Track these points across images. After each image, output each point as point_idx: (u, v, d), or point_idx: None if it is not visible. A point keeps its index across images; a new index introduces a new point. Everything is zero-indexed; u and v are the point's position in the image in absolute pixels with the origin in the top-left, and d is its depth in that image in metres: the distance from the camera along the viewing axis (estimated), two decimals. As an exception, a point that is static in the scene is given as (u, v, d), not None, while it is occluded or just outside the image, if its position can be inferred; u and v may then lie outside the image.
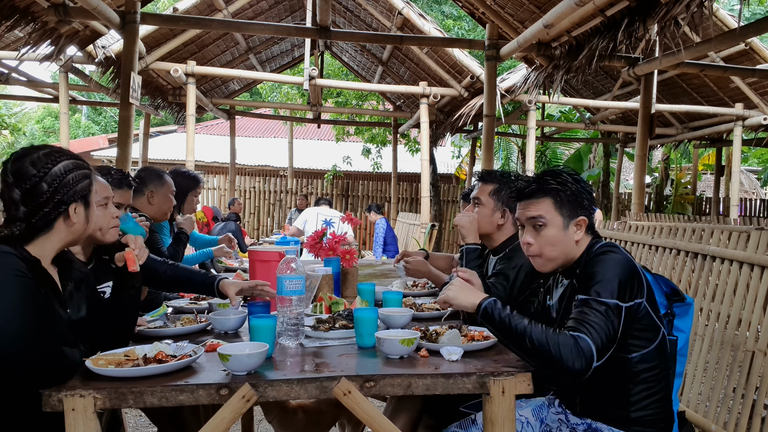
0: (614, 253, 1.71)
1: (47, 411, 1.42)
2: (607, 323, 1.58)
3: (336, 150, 15.47)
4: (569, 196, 1.79)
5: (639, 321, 1.69)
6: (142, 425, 3.55)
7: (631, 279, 1.66)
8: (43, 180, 1.60)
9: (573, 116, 12.67)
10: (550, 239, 1.78)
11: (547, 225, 1.78)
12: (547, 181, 1.82)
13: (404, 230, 10.03)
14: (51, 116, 23.02)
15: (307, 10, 7.78)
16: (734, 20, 7.34)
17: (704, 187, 17.96)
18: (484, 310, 1.67)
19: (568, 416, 1.82)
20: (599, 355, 1.54)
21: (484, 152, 6.23)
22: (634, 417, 1.71)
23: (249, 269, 2.41)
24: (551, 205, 1.79)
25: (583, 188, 1.83)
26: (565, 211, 1.79)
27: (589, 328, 1.56)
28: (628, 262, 1.69)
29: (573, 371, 1.52)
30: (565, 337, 1.55)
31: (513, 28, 6.38)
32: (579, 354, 1.52)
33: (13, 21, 5.07)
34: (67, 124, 8.64)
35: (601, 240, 1.83)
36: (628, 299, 1.64)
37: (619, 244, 4.16)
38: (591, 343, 1.54)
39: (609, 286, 1.62)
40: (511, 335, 1.61)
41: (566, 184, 1.80)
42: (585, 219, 1.80)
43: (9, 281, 1.50)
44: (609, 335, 1.57)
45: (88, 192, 1.71)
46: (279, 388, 1.51)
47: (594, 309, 1.60)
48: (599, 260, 1.70)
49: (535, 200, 1.81)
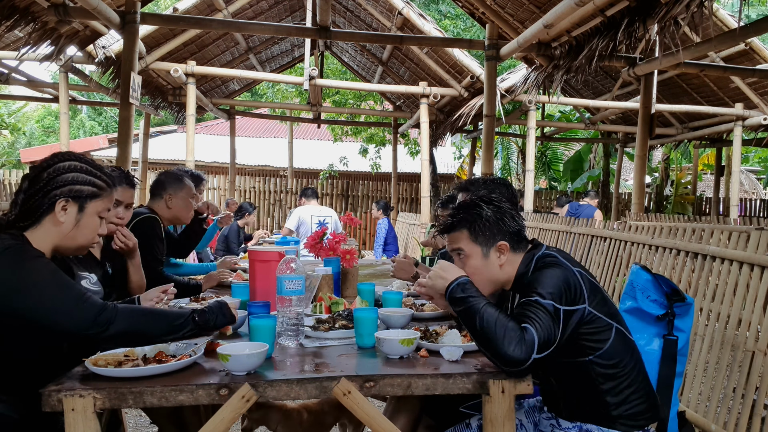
0: (553, 266, 1.74)
1: (47, 411, 1.42)
2: (549, 322, 1.61)
3: (336, 150, 15.48)
4: (484, 223, 1.82)
5: (587, 325, 1.71)
6: (142, 425, 3.55)
7: (566, 287, 1.69)
8: (45, 170, 1.69)
9: (573, 116, 12.67)
10: (472, 269, 1.82)
11: (468, 256, 1.83)
12: (459, 215, 1.87)
13: (404, 230, 10.04)
14: (51, 116, 23.02)
15: (307, 10, 7.78)
16: (734, 20, 7.34)
17: (704, 187, 17.96)
18: (452, 289, 1.70)
19: (559, 421, 1.83)
20: (540, 349, 1.57)
21: (484, 152, 6.23)
22: (615, 414, 1.73)
23: (249, 269, 2.41)
24: (467, 236, 1.83)
25: (503, 211, 1.85)
26: (482, 239, 1.82)
27: (535, 322, 1.60)
28: (562, 273, 1.72)
29: (512, 357, 1.54)
30: (514, 324, 1.58)
31: (513, 28, 6.38)
32: (521, 342, 1.55)
33: (13, 21, 5.07)
34: (67, 124, 8.64)
35: (541, 248, 1.85)
36: (565, 304, 1.67)
37: (619, 244, 4.18)
38: (535, 336, 1.57)
39: (545, 289, 1.66)
40: (467, 313, 1.63)
41: (481, 214, 1.84)
42: (505, 244, 1.82)
43: (34, 264, 1.57)
44: (550, 334, 1.60)
45: (86, 197, 1.71)
46: (279, 388, 1.51)
47: (535, 308, 1.63)
48: (536, 273, 1.75)
49: (453, 234, 1.86)
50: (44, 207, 1.66)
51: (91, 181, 1.72)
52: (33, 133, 21.35)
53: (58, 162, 1.70)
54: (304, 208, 6.60)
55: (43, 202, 1.66)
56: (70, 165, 1.70)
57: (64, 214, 1.67)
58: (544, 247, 1.85)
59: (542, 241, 2.23)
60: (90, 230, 1.74)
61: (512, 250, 1.83)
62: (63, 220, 1.67)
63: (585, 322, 1.71)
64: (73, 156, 1.75)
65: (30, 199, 1.66)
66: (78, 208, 1.70)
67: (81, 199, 1.70)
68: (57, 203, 1.66)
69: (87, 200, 1.71)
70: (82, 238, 1.73)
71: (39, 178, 1.67)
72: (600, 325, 1.73)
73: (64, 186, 1.67)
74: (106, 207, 1.77)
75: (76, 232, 1.71)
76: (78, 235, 1.72)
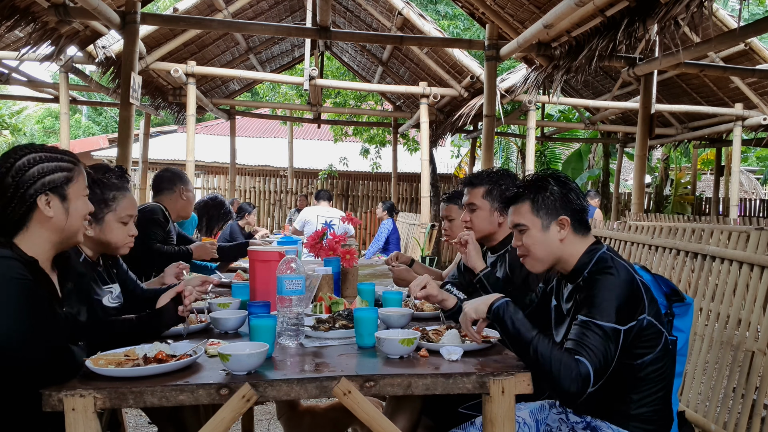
0: (612, 275, 1.71)
1: (47, 411, 1.42)
2: (605, 347, 1.61)
3: (336, 150, 15.49)
4: (548, 197, 1.84)
5: (643, 333, 1.71)
6: (142, 425, 3.55)
7: (629, 300, 1.68)
8: (8, 174, 1.59)
9: (573, 116, 12.67)
10: (531, 239, 1.84)
11: (528, 228, 1.85)
12: (528, 185, 1.89)
13: (404, 230, 10.04)
14: (51, 116, 23.02)
15: (307, 10, 7.79)
16: (734, 20, 7.34)
17: (704, 187, 17.96)
18: (495, 311, 1.69)
19: (568, 415, 1.83)
20: (596, 379, 1.57)
21: (484, 152, 6.23)
22: (634, 414, 1.73)
23: (249, 269, 2.41)
24: (529, 208, 1.85)
25: (569, 189, 1.87)
26: (543, 212, 1.84)
27: (590, 352, 1.59)
28: (628, 283, 1.70)
29: (568, 393, 1.56)
30: (568, 357, 1.57)
31: (513, 29, 6.38)
32: (577, 378, 1.55)
33: (13, 21, 5.07)
34: (67, 124, 8.63)
35: (601, 247, 1.84)
36: (627, 321, 1.66)
37: (619, 244, 4.18)
38: (590, 369, 1.56)
39: (607, 310, 1.64)
40: (518, 341, 1.64)
41: (546, 187, 1.86)
42: (566, 218, 1.83)
43: (8, 285, 1.50)
44: (607, 359, 1.61)
45: (62, 184, 1.64)
46: (279, 388, 1.52)
47: (593, 332, 1.62)
48: (598, 281, 1.71)
49: (516, 205, 1.89)
50: (23, 210, 1.59)
51: (59, 167, 1.65)
52: (33, 134, 21.35)
53: (14, 161, 1.61)
54: (312, 209, 6.69)
55: (21, 206, 1.58)
56: (29, 159, 1.61)
57: (50, 210, 1.61)
58: (605, 246, 1.84)
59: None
60: (81, 213, 1.69)
61: (573, 229, 1.84)
62: (51, 214, 1.61)
63: (643, 330, 1.70)
64: (25, 149, 1.65)
65: (5, 208, 1.58)
66: (60, 197, 1.64)
67: (58, 188, 1.64)
68: (38, 201, 1.59)
69: (64, 186, 1.65)
70: (77, 223, 1.68)
71: (4, 183, 1.58)
72: (654, 332, 1.73)
73: (35, 182, 1.60)
74: (84, 185, 1.72)
75: (71, 220, 1.66)
76: (74, 223, 1.67)
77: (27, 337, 1.49)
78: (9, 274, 1.51)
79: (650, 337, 1.72)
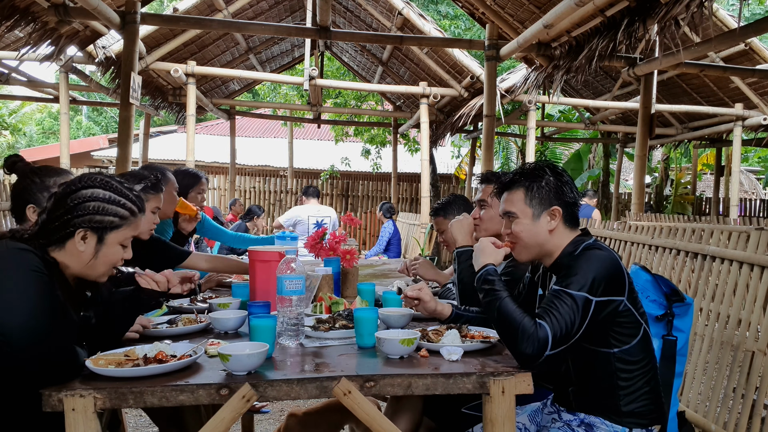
0: (598, 249, 1.75)
1: (47, 411, 1.42)
2: (571, 315, 1.63)
3: (336, 150, 15.49)
4: (543, 187, 1.84)
5: (619, 317, 1.72)
6: (142, 425, 3.55)
7: (609, 276, 1.69)
8: (69, 195, 1.63)
9: (573, 116, 12.68)
10: (520, 227, 1.85)
11: (518, 216, 1.85)
12: (524, 173, 1.89)
13: (404, 230, 10.03)
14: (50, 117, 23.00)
15: (307, 10, 7.79)
16: (734, 20, 7.34)
17: (704, 187, 17.96)
18: (485, 271, 1.78)
19: (561, 414, 1.84)
20: (554, 344, 1.59)
21: (484, 152, 6.23)
22: (626, 410, 1.74)
23: (249, 269, 2.41)
24: (522, 197, 1.86)
25: (564, 181, 1.87)
26: (536, 202, 1.84)
27: (552, 318, 1.62)
28: (611, 260, 1.72)
29: (523, 354, 1.59)
30: (529, 321, 1.62)
31: (513, 29, 6.38)
32: (533, 340, 1.58)
33: (13, 21, 5.07)
34: (67, 124, 8.63)
35: (590, 238, 1.84)
36: (602, 294, 1.67)
37: (619, 244, 4.18)
38: (549, 332, 1.59)
39: (582, 279, 1.67)
40: (490, 301, 1.70)
41: (542, 177, 1.86)
42: (558, 209, 1.83)
43: (26, 277, 1.51)
44: (569, 327, 1.62)
45: (106, 228, 1.65)
46: (279, 388, 1.52)
47: (562, 300, 1.65)
48: (582, 256, 1.75)
49: (509, 193, 1.89)
50: (63, 233, 1.62)
51: (114, 211, 1.66)
52: (33, 135, 21.35)
53: (83, 188, 1.64)
54: (303, 207, 6.56)
55: (64, 228, 1.61)
56: (93, 193, 1.64)
57: (83, 244, 1.63)
58: (593, 238, 1.85)
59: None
60: (110, 260, 1.69)
61: (564, 221, 1.84)
62: (82, 249, 1.63)
63: (619, 314, 1.71)
64: (99, 181, 1.68)
65: (51, 222, 1.62)
66: (98, 239, 1.65)
67: (101, 230, 1.65)
68: (76, 233, 1.62)
69: (107, 231, 1.66)
70: (102, 268, 1.69)
71: (63, 202, 1.62)
72: (631, 321, 1.74)
73: (85, 215, 1.62)
74: (128, 236, 1.72)
75: (96, 262, 1.66)
76: (98, 265, 1.67)
77: (42, 330, 1.49)
78: (26, 265, 1.53)
79: (627, 324, 1.73)
